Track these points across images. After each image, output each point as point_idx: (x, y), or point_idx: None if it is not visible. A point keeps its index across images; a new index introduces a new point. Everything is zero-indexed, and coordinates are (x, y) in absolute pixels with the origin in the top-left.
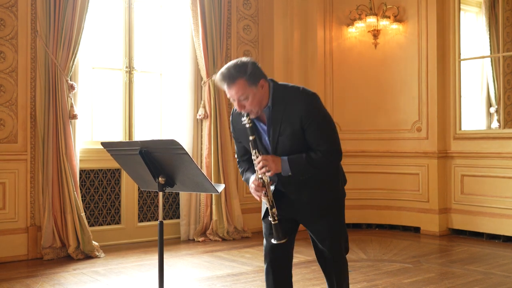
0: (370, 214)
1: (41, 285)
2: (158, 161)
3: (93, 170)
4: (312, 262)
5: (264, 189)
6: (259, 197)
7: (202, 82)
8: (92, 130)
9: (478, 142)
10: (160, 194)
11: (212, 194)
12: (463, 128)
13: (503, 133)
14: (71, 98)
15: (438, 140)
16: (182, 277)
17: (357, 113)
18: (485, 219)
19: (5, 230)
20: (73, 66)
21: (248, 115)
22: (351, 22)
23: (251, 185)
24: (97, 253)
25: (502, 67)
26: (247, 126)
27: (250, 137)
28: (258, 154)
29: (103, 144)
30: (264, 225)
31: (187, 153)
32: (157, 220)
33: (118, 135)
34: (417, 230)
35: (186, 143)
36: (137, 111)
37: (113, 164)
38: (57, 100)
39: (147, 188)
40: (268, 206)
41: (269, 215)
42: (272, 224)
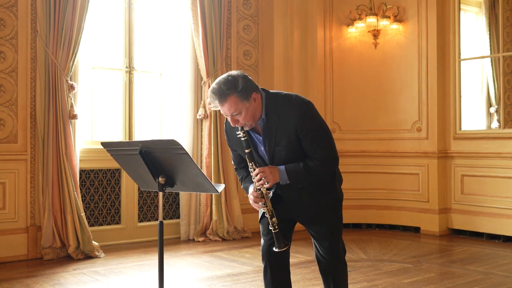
0: (370, 214)
1: (41, 285)
2: (158, 161)
3: (93, 170)
4: (312, 262)
5: (262, 200)
6: (258, 206)
7: (202, 82)
8: (92, 130)
9: (478, 142)
10: (160, 194)
11: (212, 194)
12: (463, 128)
13: (503, 133)
14: (71, 98)
15: (438, 140)
16: (182, 277)
17: (357, 113)
18: (485, 219)
19: (5, 230)
20: (73, 66)
21: (242, 128)
22: (351, 22)
23: (250, 196)
24: (97, 253)
25: (502, 67)
26: (242, 139)
27: (246, 150)
28: (255, 167)
29: (103, 144)
30: (262, 225)
31: (187, 153)
32: (157, 220)
33: (118, 135)
34: (417, 230)
35: (186, 143)
36: (137, 111)
37: (113, 164)
38: (57, 100)
39: (147, 188)
40: (268, 216)
41: (269, 223)
42: (273, 233)
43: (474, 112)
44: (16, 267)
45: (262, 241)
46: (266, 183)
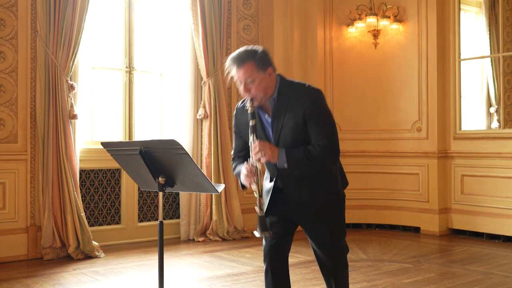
0: (370, 214)
1: (41, 285)
2: (158, 161)
3: (93, 170)
4: (312, 262)
5: (255, 176)
6: (249, 183)
7: (202, 82)
8: (92, 130)
9: (478, 142)
10: (160, 194)
11: (212, 194)
12: (463, 128)
13: (503, 133)
14: (71, 98)
15: (438, 140)
16: (182, 277)
17: (357, 113)
18: (485, 219)
19: (5, 230)
20: (73, 66)
21: (252, 100)
22: (351, 22)
23: (242, 171)
24: (97, 253)
25: (502, 67)
26: (248, 111)
27: (250, 122)
28: (255, 139)
29: (103, 144)
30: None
31: (187, 153)
32: (157, 220)
33: (118, 135)
34: (417, 230)
35: (186, 143)
36: (137, 111)
37: (113, 164)
38: (57, 100)
39: (147, 188)
40: (257, 195)
41: (256, 206)
42: (258, 216)
43: (474, 112)
44: (16, 267)
45: (264, 242)
46: (263, 156)
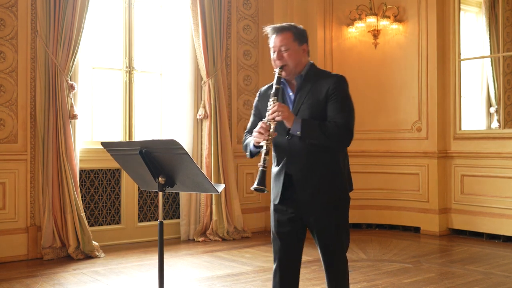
0: (370, 214)
1: (41, 285)
2: (158, 161)
3: (93, 170)
4: (312, 262)
5: (268, 133)
6: (259, 139)
7: (202, 82)
8: (92, 130)
9: (478, 142)
10: (160, 194)
11: (212, 194)
12: (463, 128)
13: (503, 133)
14: (71, 98)
15: (438, 140)
16: (182, 277)
17: (357, 113)
18: (485, 219)
19: (5, 230)
20: (73, 66)
21: (282, 68)
22: (351, 22)
23: (255, 129)
24: (97, 253)
25: (502, 67)
26: (276, 75)
27: (275, 86)
28: (276, 101)
29: (103, 144)
30: (273, 223)
31: (187, 153)
32: (157, 220)
33: (118, 135)
34: (417, 230)
35: (186, 143)
36: (137, 111)
37: (113, 164)
38: (57, 100)
39: (147, 188)
40: (264, 151)
41: (260, 162)
42: (260, 170)
43: (474, 112)
44: (16, 267)
45: (274, 240)
46: (279, 115)
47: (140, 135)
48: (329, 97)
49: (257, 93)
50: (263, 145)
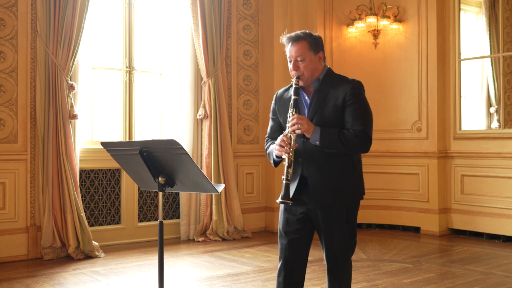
0: (370, 214)
1: (41, 285)
2: (158, 161)
3: (93, 170)
4: (312, 262)
5: (289, 146)
6: (281, 152)
7: (202, 82)
8: (92, 130)
9: (478, 142)
10: (160, 194)
11: (212, 194)
12: (463, 128)
13: (503, 133)
14: (71, 98)
15: (438, 140)
16: (182, 277)
17: None
18: (485, 219)
19: (5, 230)
20: (73, 66)
21: (298, 78)
22: (351, 22)
23: (276, 141)
24: (97, 253)
25: (502, 67)
26: (293, 86)
27: (293, 97)
28: (294, 113)
29: (103, 144)
30: (282, 221)
31: (187, 153)
32: (157, 220)
33: (118, 135)
34: (417, 230)
35: (186, 143)
36: (137, 111)
37: (113, 164)
38: (57, 100)
39: (147, 188)
40: (286, 164)
41: (283, 175)
42: (284, 183)
43: (474, 112)
44: (16, 267)
45: (280, 239)
46: (299, 128)
47: (140, 135)
48: (346, 103)
49: (274, 96)
50: (285, 158)
